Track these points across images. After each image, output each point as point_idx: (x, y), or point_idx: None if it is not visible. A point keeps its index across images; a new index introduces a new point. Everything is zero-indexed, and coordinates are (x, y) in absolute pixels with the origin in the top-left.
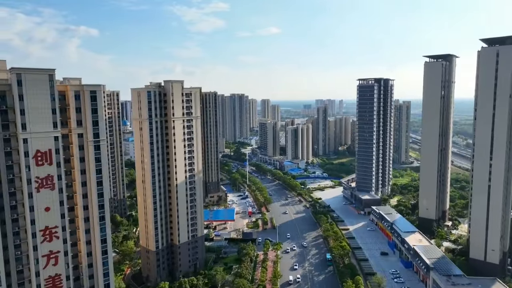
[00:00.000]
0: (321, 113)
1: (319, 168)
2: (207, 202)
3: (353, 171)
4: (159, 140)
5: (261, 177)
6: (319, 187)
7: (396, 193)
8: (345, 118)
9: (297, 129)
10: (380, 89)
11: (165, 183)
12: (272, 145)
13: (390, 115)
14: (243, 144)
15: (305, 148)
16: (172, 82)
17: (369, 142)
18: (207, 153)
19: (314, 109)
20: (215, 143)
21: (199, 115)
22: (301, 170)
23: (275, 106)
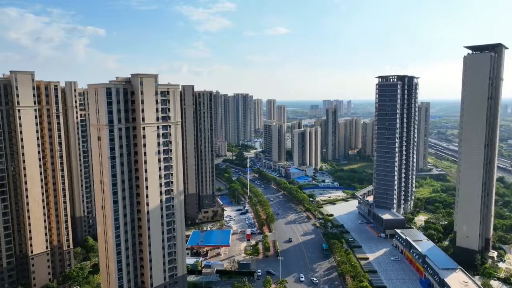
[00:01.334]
0: (331, 115)
1: (329, 176)
2: (200, 219)
3: (366, 179)
4: (124, 153)
5: (264, 186)
6: (330, 199)
7: (420, 209)
8: (355, 120)
9: (304, 132)
10: (403, 88)
11: (133, 209)
12: (277, 150)
13: (414, 118)
14: (247, 147)
15: (313, 153)
16: (141, 76)
17: (391, 150)
18: (201, 162)
19: (322, 109)
20: (210, 151)
21: (179, 120)
22: (309, 179)
23: (281, 107)
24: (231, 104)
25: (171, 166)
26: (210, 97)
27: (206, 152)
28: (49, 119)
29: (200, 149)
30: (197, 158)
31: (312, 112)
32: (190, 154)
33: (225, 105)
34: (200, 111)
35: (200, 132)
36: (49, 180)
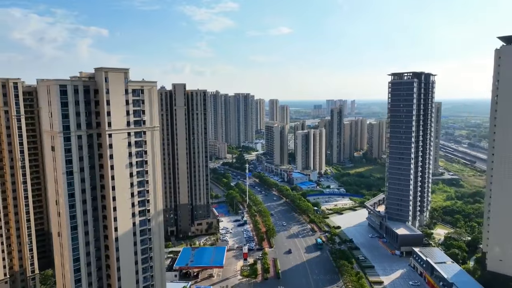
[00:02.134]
0: (336, 115)
1: (334, 181)
2: (193, 232)
3: (375, 184)
4: (85, 167)
5: (265, 193)
6: (336, 208)
7: (437, 221)
8: (361, 121)
9: (308, 134)
10: (420, 86)
11: (98, 235)
12: (279, 153)
13: (430, 120)
14: (248, 149)
15: (318, 156)
16: (106, 70)
17: (406, 156)
18: (194, 169)
19: (325, 109)
20: (204, 156)
21: (157, 125)
22: (313, 184)
23: (284, 107)
24: (231, 104)
25: (147, 181)
26: (204, 96)
27: (200, 158)
28: (7, 122)
29: (193, 155)
30: (190, 165)
31: (315, 112)
32: (182, 160)
33: (226, 105)
34: (193, 113)
35: (193, 135)
36: (9, 195)
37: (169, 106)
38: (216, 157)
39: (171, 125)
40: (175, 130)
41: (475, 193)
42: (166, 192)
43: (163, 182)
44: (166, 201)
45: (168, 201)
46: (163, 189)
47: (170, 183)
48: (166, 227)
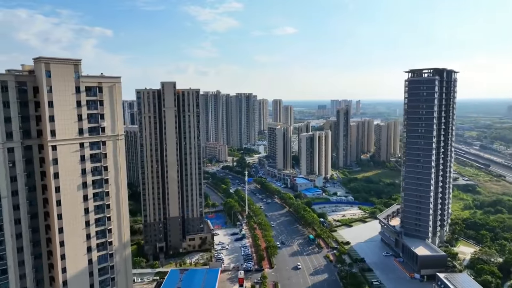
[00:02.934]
0: (342, 116)
1: (341, 186)
2: (185, 248)
3: (385, 191)
4: (21, 189)
5: (267, 200)
6: (345, 219)
7: (460, 236)
8: (368, 122)
9: (313, 137)
10: (442, 85)
11: (40, 278)
12: (282, 156)
13: (452, 123)
14: (250, 151)
15: (323, 160)
16: (46, 61)
17: (426, 163)
18: (185, 177)
19: (329, 109)
20: (197, 163)
21: (121, 133)
22: (319, 191)
23: (287, 107)
24: (233, 105)
25: (108, 205)
26: (197, 96)
27: (192, 165)
28: None
29: (185, 161)
30: (181, 173)
31: (319, 112)
32: (172, 167)
33: (227, 106)
34: (185, 114)
35: (185, 140)
36: None
37: (157, 108)
38: (217, 160)
39: (159, 128)
40: (164, 135)
41: (495, 201)
42: (154, 204)
43: (150, 192)
44: (154, 214)
45: (157, 214)
46: (150, 201)
47: (158, 194)
48: (154, 243)
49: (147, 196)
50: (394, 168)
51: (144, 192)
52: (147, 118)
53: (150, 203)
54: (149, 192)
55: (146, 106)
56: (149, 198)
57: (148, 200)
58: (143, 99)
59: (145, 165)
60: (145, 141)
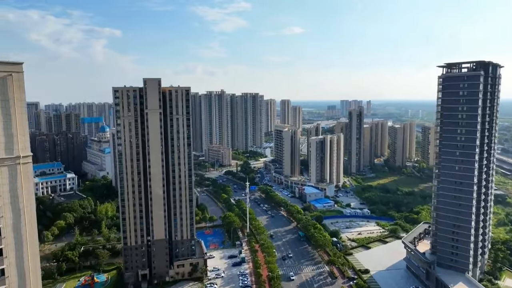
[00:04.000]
0: (355, 118)
1: (355, 196)
2: (172, 276)
3: (404, 202)
4: None
5: (272, 213)
6: (361, 239)
7: (504, 265)
8: (381, 123)
9: (324, 141)
10: (487, 82)
11: None
12: (289, 162)
13: (496, 128)
14: (255, 154)
15: (335, 166)
16: None
17: (467, 178)
18: (174, 192)
19: (339, 110)
20: (187, 176)
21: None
22: (331, 203)
23: (296, 108)
24: (239, 105)
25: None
26: (187, 96)
27: (182, 178)
28: None
29: (173, 174)
30: (168, 187)
31: (329, 113)
32: (157, 182)
33: (232, 106)
34: (172, 117)
35: (173, 148)
36: None
37: (139, 109)
38: (220, 164)
39: (141, 135)
40: (146, 142)
41: None
42: (135, 224)
43: (131, 210)
44: (135, 237)
45: (138, 236)
46: (131, 220)
47: (141, 212)
48: (136, 269)
49: (127, 214)
50: (412, 175)
51: (124, 210)
52: (126, 121)
53: (131, 222)
54: (129, 210)
55: (125, 108)
56: (129, 217)
57: (128, 220)
58: (122, 99)
59: (124, 178)
60: (124, 149)
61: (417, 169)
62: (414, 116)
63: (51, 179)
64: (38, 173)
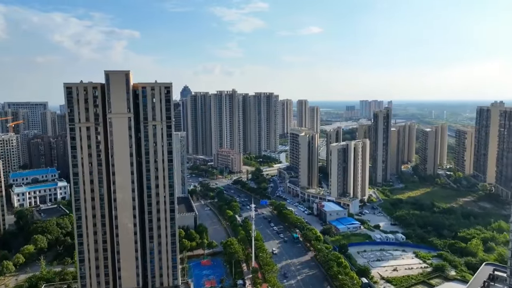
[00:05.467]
0: (381, 120)
1: (384, 214)
2: None
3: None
4: None
5: (285, 236)
6: (399, 279)
7: None
8: (408, 126)
9: (347, 148)
10: None
11: None
12: (306, 171)
13: None
14: (269, 160)
15: (360, 177)
16: None
17: None
18: (148, 227)
19: (358, 110)
20: (167, 203)
21: None
22: (356, 224)
23: (314, 108)
24: (252, 106)
25: None
26: (167, 94)
27: (160, 205)
28: None
29: (149, 201)
30: (142, 218)
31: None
32: (125, 211)
33: (245, 107)
34: (147, 124)
35: (148, 166)
36: None
37: (101, 114)
38: (229, 171)
39: (104, 147)
40: (110, 157)
41: None
42: (98, 268)
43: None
44: (98, 284)
45: (102, 283)
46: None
47: (104, 253)
48: None
49: (86, 255)
50: (446, 186)
51: (82, 249)
52: (83, 130)
53: (92, 264)
54: (89, 249)
55: (81, 112)
56: (89, 257)
57: (87, 261)
58: (77, 99)
59: (82, 208)
60: (80, 169)
61: (453, 179)
62: (438, 117)
63: (40, 188)
64: (30, 180)
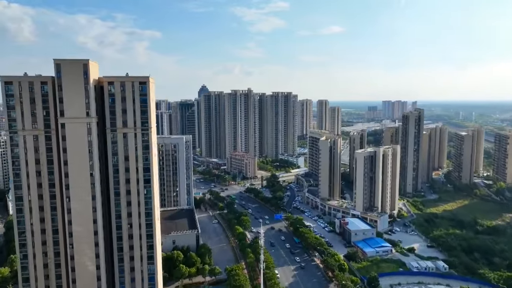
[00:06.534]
0: (412, 123)
1: (417, 233)
2: None
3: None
4: None
5: (301, 260)
6: None
7: None
8: (440, 129)
9: (375, 155)
10: None
11: None
12: (327, 181)
13: None
14: (286, 164)
15: (389, 188)
16: None
17: None
18: (119, 267)
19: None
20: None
21: None
22: (387, 247)
23: (334, 109)
24: (268, 106)
25: None
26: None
27: (135, 238)
28: None
29: (118, 233)
30: (110, 258)
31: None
32: (84, 245)
33: (261, 107)
34: (115, 131)
35: (117, 186)
36: None
37: (53, 118)
38: (243, 176)
39: (58, 163)
40: (63, 178)
41: None
42: None
43: None
44: None
45: None
46: None
47: None
48: None
49: None
50: (488, 198)
51: None
52: (28, 140)
53: None
54: None
55: (26, 115)
56: None
57: None
58: (19, 97)
59: (27, 242)
60: (25, 190)
61: (494, 190)
62: (466, 119)
63: None
64: None
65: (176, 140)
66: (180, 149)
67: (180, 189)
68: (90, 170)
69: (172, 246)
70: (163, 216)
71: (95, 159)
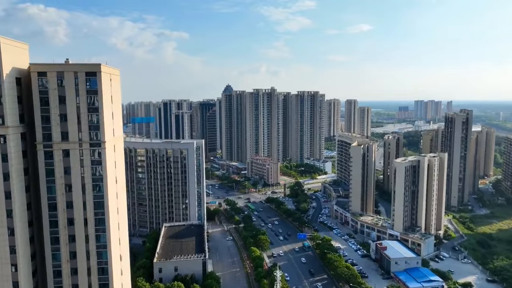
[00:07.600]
0: (459, 127)
1: (471, 260)
2: None
3: None
4: None
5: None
6: None
7: None
8: (486, 132)
9: (418, 166)
10: None
11: None
12: (359, 194)
13: None
14: (312, 169)
15: (434, 205)
16: None
17: None
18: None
19: (413, 111)
20: None
21: None
22: (437, 283)
23: (364, 109)
24: (293, 106)
25: None
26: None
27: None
28: None
29: None
30: None
31: (401, 114)
32: None
33: (285, 107)
34: (51, 147)
35: (55, 229)
36: None
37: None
38: (264, 183)
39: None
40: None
41: None
42: None
43: None
44: None
45: None
46: None
47: None
48: None
49: None
50: None
51: None
52: None
53: None
54: None
55: None
56: None
57: None
58: None
59: None
60: None
61: None
62: (507, 120)
63: None
64: None
65: (185, 146)
66: (190, 155)
67: (190, 201)
68: (4, 203)
69: (173, 274)
70: (167, 234)
71: (16, 194)
